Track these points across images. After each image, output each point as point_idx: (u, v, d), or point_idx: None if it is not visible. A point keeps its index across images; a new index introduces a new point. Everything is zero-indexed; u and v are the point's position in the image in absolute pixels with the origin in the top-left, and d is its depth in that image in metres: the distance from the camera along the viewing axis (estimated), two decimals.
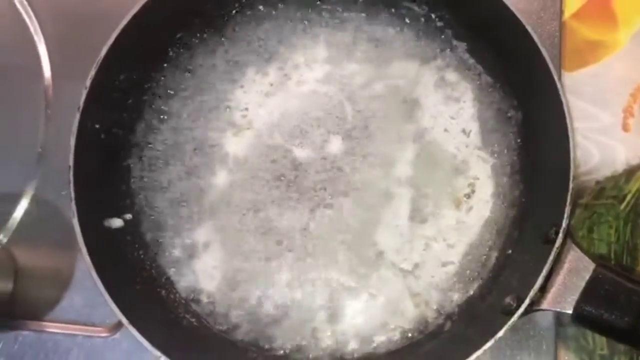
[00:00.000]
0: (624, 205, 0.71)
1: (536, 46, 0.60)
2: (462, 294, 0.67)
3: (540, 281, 0.57)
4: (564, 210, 0.58)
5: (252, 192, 0.69)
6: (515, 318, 0.57)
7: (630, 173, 0.72)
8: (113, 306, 0.59)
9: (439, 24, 0.71)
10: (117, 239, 0.66)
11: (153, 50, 0.70)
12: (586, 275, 0.57)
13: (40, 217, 0.74)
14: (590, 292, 0.56)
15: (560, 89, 0.59)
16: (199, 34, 0.71)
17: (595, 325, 0.57)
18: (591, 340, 0.68)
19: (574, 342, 0.69)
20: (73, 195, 0.61)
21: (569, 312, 0.57)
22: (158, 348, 0.58)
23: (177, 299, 0.68)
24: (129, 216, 0.68)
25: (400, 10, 0.71)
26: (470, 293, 0.66)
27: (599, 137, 0.73)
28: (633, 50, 0.74)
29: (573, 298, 0.57)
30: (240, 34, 0.72)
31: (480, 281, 0.67)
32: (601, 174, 0.72)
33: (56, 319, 0.72)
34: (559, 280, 0.57)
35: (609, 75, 0.74)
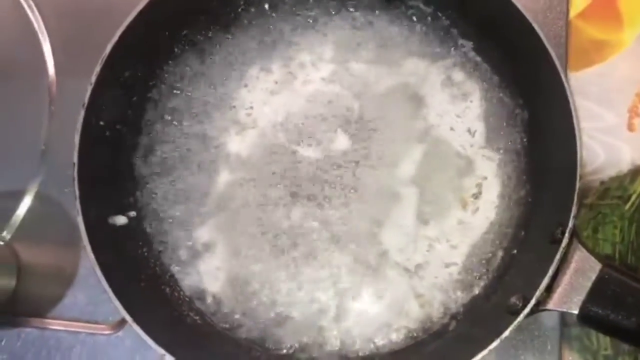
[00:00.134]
0: (628, 205, 0.70)
1: (543, 45, 0.60)
2: (467, 294, 0.66)
3: (546, 281, 0.57)
4: (570, 210, 0.57)
5: (257, 191, 0.69)
6: (521, 318, 0.56)
7: (635, 173, 0.72)
8: (117, 303, 0.58)
9: (445, 22, 0.70)
10: (121, 236, 0.66)
11: (158, 47, 0.69)
12: (592, 276, 0.56)
13: (43, 214, 0.74)
14: (597, 293, 0.56)
15: (567, 88, 0.59)
16: (204, 31, 0.71)
17: (602, 326, 0.57)
18: (595, 341, 0.68)
19: (577, 342, 0.69)
20: (77, 192, 0.60)
21: (575, 313, 0.57)
22: (162, 346, 0.58)
23: (181, 297, 0.68)
24: (133, 213, 0.68)
25: (407, 9, 0.71)
26: (475, 293, 0.66)
27: (604, 137, 0.73)
28: (638, 50, 0.74)
29: (579, 298, 0.56)
30: (246, 32, 0.72)
31: (485, 281, 0.66)
32: (606, 174, 0.72)
33: (59, 316, 0.72)
34: (565, 280, 0.57)
35: (615, 75, 0.74)
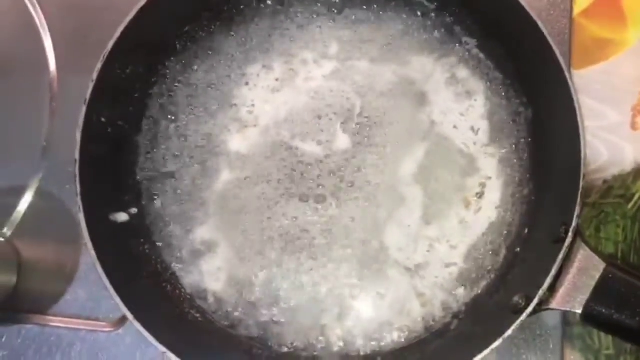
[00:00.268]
0: (631, 204, 0.70)
1: (547, 43, 0.60)
2: (470, 293, 0.66)
3: (549, 280, 0.56)
4: (574, 209, 0.57)
5: (259, 190, 0.69)
6: (524, 317, 0.56)
7: (638, 172, 0.72)
8: (118, 300, 0.58)
9: (449, 20, 0.70)
10: (123, 233, 0.66)
11: (160, 43, 0.69)
12: (596, 275, 0.56)
13: (44, 211, 0.74)
14: (601, 292, 0.56)
15: (571, 87, 0.59)
16: (206, 28, 0.71)
17: (605, 325, 0.57)
18: (597, 340, 0.68)
19: (580, 342, 0.69)
20: (79, 189, 0.60)
21: (579, 312, 0.56)
22: (162, 343, 0.57)
23: (182, 295, 0.67)
24: (134, 210, 0.68)
25: (411, 7, 0.71)
26: (477, 292, 0.66)
27: (607, 136, 0.73)
28: None
29: (583, 298, 0.56)
30: (248, 29, 0.72)
31: (488, 280, 0.66)
32: (609, 172, 0.72)
33: (60, 313, 0.71)
34: (569, 279, 0.57)
35: (618, 73, 0.74)
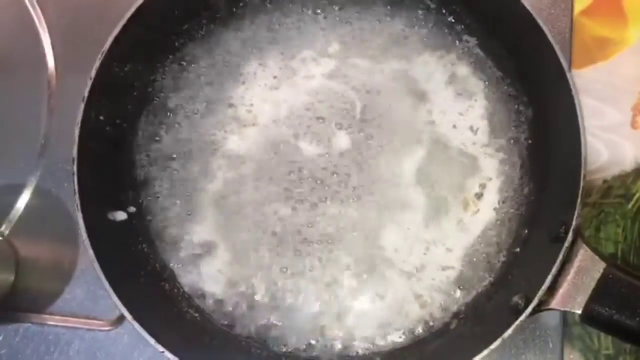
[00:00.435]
0: (631, 204, 0.70)
1: (548, 41, 0.60)
2: (469, 293, 0.66)
3: (549, 280, 0.56)
4: (574, 208, 0.57)
5: (257, 190, 0.69)
6: (523, 318, 0.56)
7: (638, 172, 0.71)
8: (116, 299, 0.58)
9: (449, 18, 0.70)
10: (121, 232, 0.66)
11: (158, 41, 0.69)
12: (596, 275, 0.56)
13: (42, 209, 0.74)
14: (601, 292, 0.55)
15: (572, 86, 0.59)
16: (205, 27, 0.71)
17: (605, 326, 0.57)
18: (597, 340, 0.68)
19: (579, 342, 0.68)
20: (76, 187, 0.60)
21: (578, 312, 0.56)
22: (160, 343, 0.57)
23: (181, 294, 0.67)
24: (132, 209, 0.68)
25: (412, 5, 0.71)
26: (477, 292, 0.66)
27: (607, 135, 0.72)
28: None
29: (583, 298, 0.56)
30: (248, 27, 0.72)
31: (487, 280, 0.66)
32: (609, 172, 0.72)
33: (58, 311, 0.71)
34: (569, 279, 0.57)
35: (618, 72, 0.74)
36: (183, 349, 0.58)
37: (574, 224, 0.57)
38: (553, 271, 0.56)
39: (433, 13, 0.70)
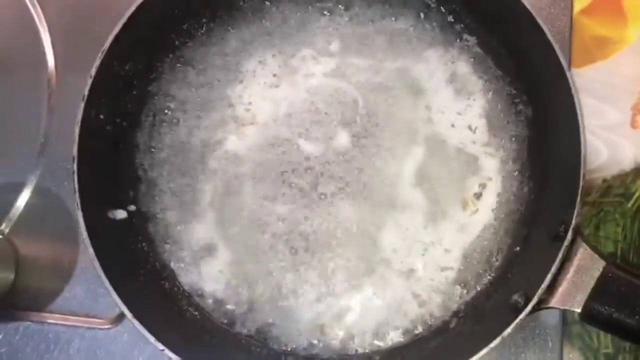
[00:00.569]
0: (631, 203, 0.70)
1: (548, 41, 0.60)
2: (469, 292, 0.66)
3: (548, 279, 0.56)
4: (573, 207, 0.57)
5: (257, 189, 0.69)
6: (523, 316, 0.56)
7: (638, 171, 0.71)
8: (116, 298, 0.58)
9: (449, 17, 0.70)
10: (121, 230, 0.66)
11: (158, 40, 0.69)
12: (596, 274, 0.56)
13: (42, 208, 0.74)
14: (601, 291, 0.55)
15: (572, 85, 0.59)
16: (205, 25, 0.71)
17: (605, 324, 0.57)
18: (596, 339, 0.68)
19: (579, 340, 0.68)
20: (76, 185, 0.60)
21: (578, 311, 0.56)
22: (160, 341, 0.57)
23: (181, 292, 0.67)
24: (132, 208, 0.68)
25: (412, 5, 0.71)
26: (477, 290, 0.66)
27: (607, 135, 0.72)
28: None
29: (582, 296, 0.56)
30: (249, 25, 0.72)
31: (487, 279, 0.66)
32: (609, 171, 0.72)
33: (58, 310, 0.71)
34: (568, 278, 0.57)
35: (618, 72, 0.74)
36: (183, 347, 0.58)
37: (573, 222, 0.57)
38: (553, 270, 0.56)
39: (433, 12, 0.70)
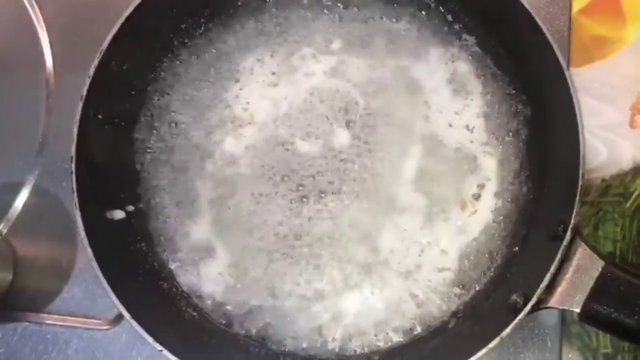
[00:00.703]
0: (630, 202, 0.70)
1: (547, 40, 0.60)
2: (467, 292, 0.66)
3: (547, 279, 0.56)
4: (572, 207, 0.57)
5: (255, 189, 0.68)
6: (522, 316, 0.56)
7: (637, 171, 0.71)
8: (114, 298, 0.58)
9: (449, 17, 0.70)
10: (119, 230, 0.66)
11: (157, 40, 0.69)
12: (595, 273, 0.56)
13: (40, 208, 0.74)
14: (600, 291, 0.55)
15: (570, 84, 0.59)
16: (203, 25, 0.71)
17: (604, 324, 0.57)
18: (595, 339, 0.68)
19: (578, 340, 0.68)
20: (75, 186, 0.60)
21: (577, 311, 0.56)
22: (159, 341, 0.57)
23: (179, 293, 0.67)
24: (131, 208, 0.67)
25: (411, 4, 0.71)
26: (475, 291, 0.66)
27: (606, 134, 0.72)
28: None
29: (581, 296, 0.56)
30: (248, 25, 0.71)
31: (486, 279, 0.66)
32: (608, 171, 0.72)
33: (56, 310, 0.71)
34: (567, 278, 0.57)
35: (617, 71, 0.74)
36: (181, 347, 0.58)
37: (572, 222, 0.57)
38: (552, 270, 0.56)
39: (432, 12, 0.70)
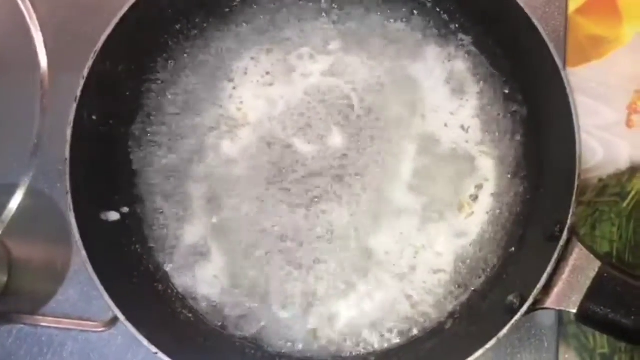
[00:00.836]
0: (626, 203, 0.70)
1: (543, 40, 0.60)
2: (464, 293, 0.66)
3: (544, 279, 0.56)
4: (569, 207, 0.57)
5: (251, 190, 0.68)
6: (519, 317, 0.56)
7: (633, 171, 0.71)
8: (109, 300, 0.58)
9: (444, 17, 0.70)
10: (114, 232, 0.66)
11: (152, 40, 0.69)
12: (591, 274, 0.56)
13: (35, 210, 0.73)
14: (596, 291, 0.55)
15: (567, 84, 0.59)
16: (199, 25, 0.71)
17: (600, 325, 0.57)
18: (592, 339, 0.68)
19: (574, 341, 0.68)
20: (69, 187, 0.60)
21: (574, 311, 0.56)
22: (154, 344, 0.57)
23: (175, 295, 0.67)
24: (125, 209, 0.67)
25: (408, 4, 0.70)
26: (472, 291, 0.66)
27: (602, 134, 0.72)
28: (638, 47, 0.74)
29: (578, 297, 0.55)
30: (244, 25, 0.71)
31: (482, 279, 0.66)
32: (604, 171, 0.71)
33: (51, 313, 0.71)
34: (564, 278, 0.56)
35: (614, 71, 0.74)
36: (176, 349, 0.58)
37: (569, 222, 0.57)
38: (548, 270, 0.56)
39: (428, 11, 0.70)
